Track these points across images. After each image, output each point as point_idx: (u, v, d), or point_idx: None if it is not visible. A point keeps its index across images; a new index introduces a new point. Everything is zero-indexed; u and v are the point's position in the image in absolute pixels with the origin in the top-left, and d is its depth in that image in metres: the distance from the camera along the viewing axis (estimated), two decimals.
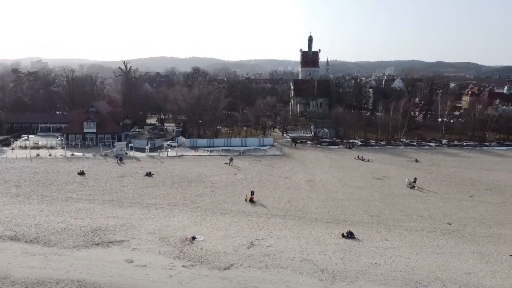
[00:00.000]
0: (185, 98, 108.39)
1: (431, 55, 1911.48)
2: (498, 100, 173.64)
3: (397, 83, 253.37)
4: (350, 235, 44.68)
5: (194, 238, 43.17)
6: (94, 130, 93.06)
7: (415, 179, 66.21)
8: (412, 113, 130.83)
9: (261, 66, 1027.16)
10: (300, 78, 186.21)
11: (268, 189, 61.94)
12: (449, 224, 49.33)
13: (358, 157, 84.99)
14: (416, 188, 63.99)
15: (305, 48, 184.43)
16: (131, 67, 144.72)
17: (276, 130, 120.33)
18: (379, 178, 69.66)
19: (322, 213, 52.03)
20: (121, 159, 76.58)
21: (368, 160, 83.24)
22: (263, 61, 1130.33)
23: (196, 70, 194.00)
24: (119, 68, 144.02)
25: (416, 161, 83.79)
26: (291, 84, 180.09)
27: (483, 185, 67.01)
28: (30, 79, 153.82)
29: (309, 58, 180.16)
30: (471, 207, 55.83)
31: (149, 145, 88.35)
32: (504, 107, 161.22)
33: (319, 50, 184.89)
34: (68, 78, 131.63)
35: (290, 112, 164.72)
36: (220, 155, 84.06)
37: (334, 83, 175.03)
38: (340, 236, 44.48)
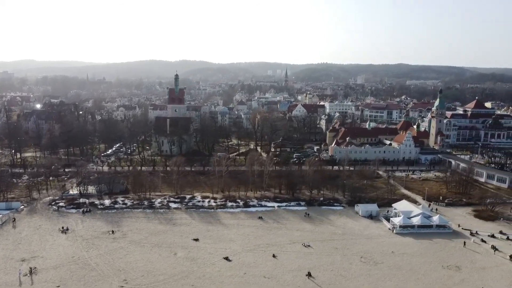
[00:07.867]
0: None
1: (418, 58, 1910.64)
2: (348, 138, 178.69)
3: (298, 109, 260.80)
4: None
5: None
6: None
7: (31, 268, 73.12)
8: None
9: (251, 69, 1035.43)
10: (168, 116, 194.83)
11: None
12: None
13: (62, 228, 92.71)
14: (29, 275, 71.98)
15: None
16: None
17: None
18: (23, 260, 77.66)
19: None
20: None
21: (66, 232, 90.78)
22: (254, 63, 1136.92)
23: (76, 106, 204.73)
24: None
25: (112, 232, 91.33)
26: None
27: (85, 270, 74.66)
28: None
29: (175, 95, 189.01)
30: None
31: None
32: (347, 147, 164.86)
33: (185, 88, 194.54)
34: None
35: (152, 151, 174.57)
36: None
37: (191, 121, 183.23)
38: None
